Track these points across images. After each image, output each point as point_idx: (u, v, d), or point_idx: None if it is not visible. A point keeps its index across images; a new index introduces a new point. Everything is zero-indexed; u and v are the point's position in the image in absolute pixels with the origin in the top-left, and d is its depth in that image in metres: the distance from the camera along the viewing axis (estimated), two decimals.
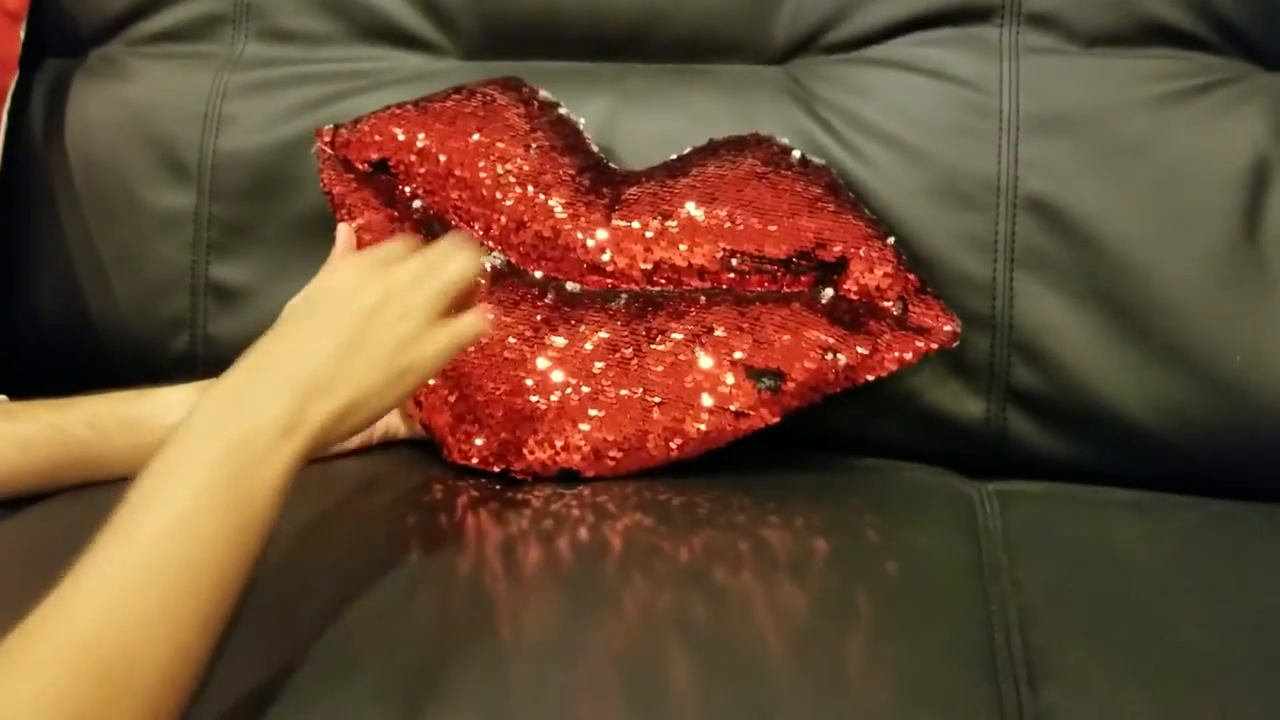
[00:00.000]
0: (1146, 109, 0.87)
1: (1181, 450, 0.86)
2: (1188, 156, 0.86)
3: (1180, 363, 0.85)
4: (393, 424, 0.91)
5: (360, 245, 0.91)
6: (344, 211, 0.93)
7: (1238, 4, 0.88)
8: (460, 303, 0.71)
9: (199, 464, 0.57)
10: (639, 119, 0.96)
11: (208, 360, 1.02)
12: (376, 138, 0.93)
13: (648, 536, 0.76)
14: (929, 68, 0.91)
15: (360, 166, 0.94)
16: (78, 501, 0.80)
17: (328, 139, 0.95)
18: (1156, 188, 0.86)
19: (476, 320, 0.70)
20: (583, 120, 0.95)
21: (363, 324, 0.65)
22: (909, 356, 0.84)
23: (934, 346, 0.85)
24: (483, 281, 0.81)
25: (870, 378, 0.84)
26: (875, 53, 0.93)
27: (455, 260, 0.70)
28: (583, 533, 0.77)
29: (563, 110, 0.94)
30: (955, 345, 0.85)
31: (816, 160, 0.90)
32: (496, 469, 0.86)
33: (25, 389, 0.97)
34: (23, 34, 1.04)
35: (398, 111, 0.94)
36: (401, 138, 0.93)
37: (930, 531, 0.80)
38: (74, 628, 0.49)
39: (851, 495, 0.85)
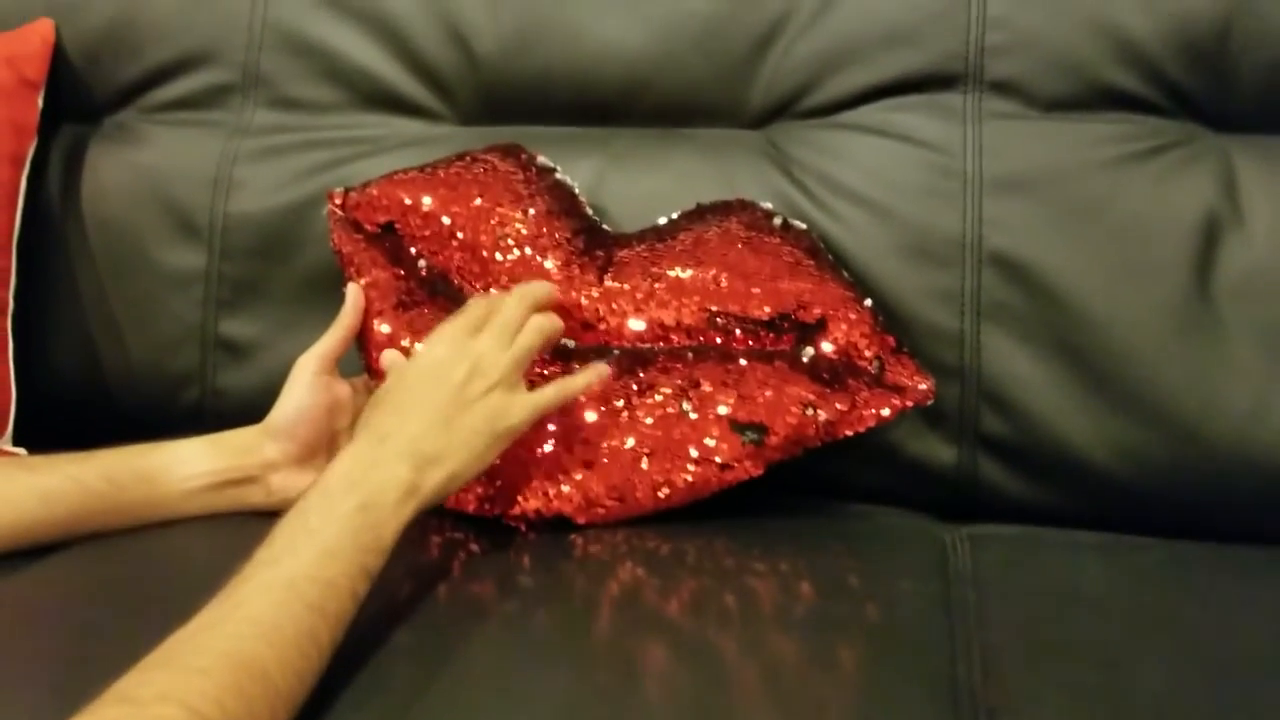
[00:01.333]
0: (1102, 170, 0.92)
1: (1143, 493, 0.90)
2: (1142, 214, 0.90)
3: (1139, 410, 0.89)
4: None
5: (369, 302, 0.95)
6: (353, 269, 0.97)
7: (1187, 72, 0.93)
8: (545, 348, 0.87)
9: (336, 517, 0.68)
10: (625, 179, 1.00)
11: (216, 413, 1.06)
12: (384, 201, 0.98)
13: (639, 585, 0.80)
14: (897, 132, 0.96)
15: (369, 228, 0.98)
16: (96, 549, 0.83)
17: (339, 201, 1.00)
18: (1113, 244, 0.90)
19: (556, 390, 0.84)
20: (577, 185, 0.99)
21: (456, 397, 0.78)
22: (886, 413, 0.88)
23: (909, 404, 0.89)
24: (564, 342, 0.90)
25: (849, 433, 0.88)
26: (847, 118, 0.98)
27: (529, 330, 0.84)
28: (577, 581, 0.81)
29: (559, 175, 0.99)
30: (930, 402, 0.89)
31: (798, 224, 0.94)
32: (494, 512, 0.89)
33: (41, 441, 1.02)
34: (41, 102, 1.09)
35: (404, 177, 0.99)
36: (408, 201, 0.97)
37: (903, 573, 0.83)
38: (233, 643, 0.58)
39: (830, 540, 0.89)
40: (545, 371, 0.91)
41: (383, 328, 0.94)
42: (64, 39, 1.12)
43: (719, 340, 0.91)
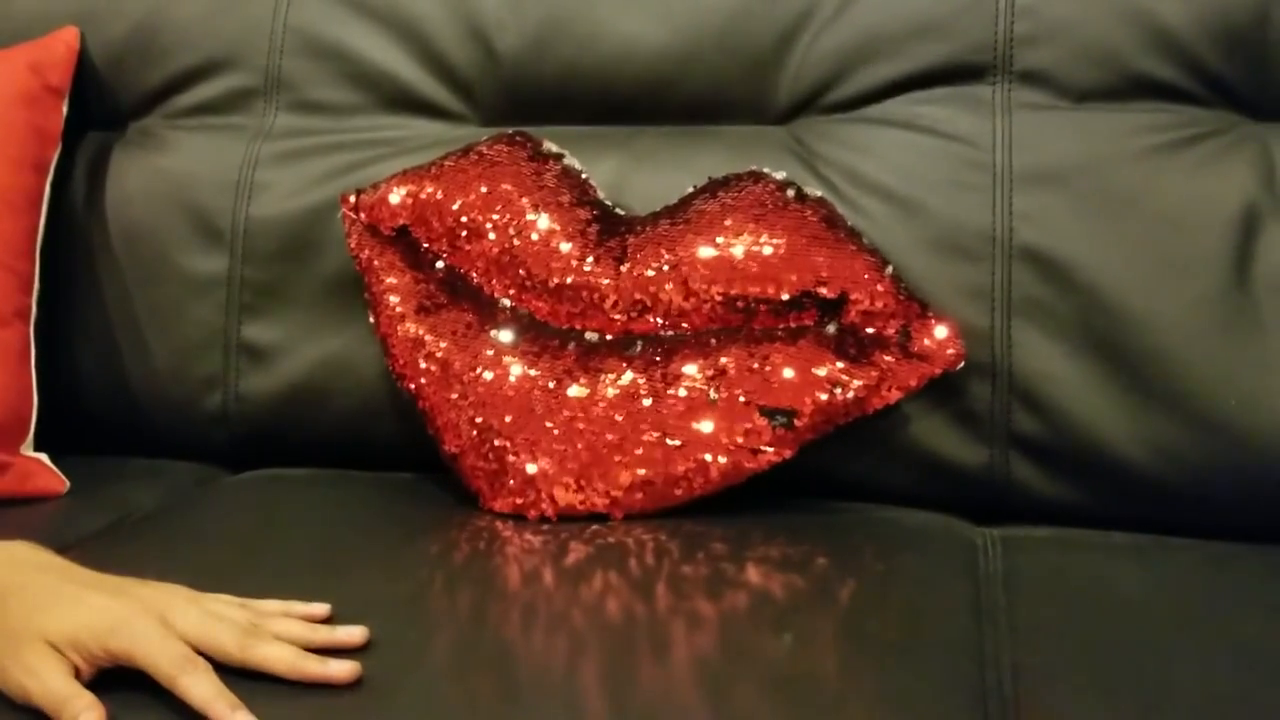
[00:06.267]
0: (1137, 161, 0.90)
1: (1180, 493, 0.87)
2: (1178, 206, 0.88)
3: (1176, 407, 0.87)
4: None
5: (393, 306, 0.95)
6: (372, 276, 0.97)
7: (1224, 59, 0.90)
8: None
9: None
10: (648, 178, 0.99)
11: (239, 416, 1.06)
12: (393, 199, 0.97)
13: (656, 580, 0.79)
14: (925, 125, 0.94)
15: (385, 231, 0.98)
16: None
17: (352, 204, 0.99)
18: (1148, 237, 0.88)
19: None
20: (599, 184, 0.98)
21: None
22: (914, 383, 0.87)
23: (938, 371, 0.87)
24: None
25: (879, 405, 0.88)
26: (873, 112, 0.96)
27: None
28: (610, 576, 0.79)
29: (568, 160, 0.98)
30: (960, 367, 0.88)
31: (813, 193, 0.93)
32: (530, 514, 0.90)
33: (64, 446, 1.02)
34: (65, 109, 1.09)
35: (412, 173, 0.98)
36: (422, 197, 0.97)
37: (933, 576, 0.82)
38: None
39: (859, 540, 0.87)
40: (568, 369, 0.90)
41: (409, 329, 0.94)
42: (89, 46, 1.12)
43: (740, 320, 0.90)
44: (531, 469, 0.89)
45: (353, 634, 0.67)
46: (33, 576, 0.66)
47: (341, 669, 0.63)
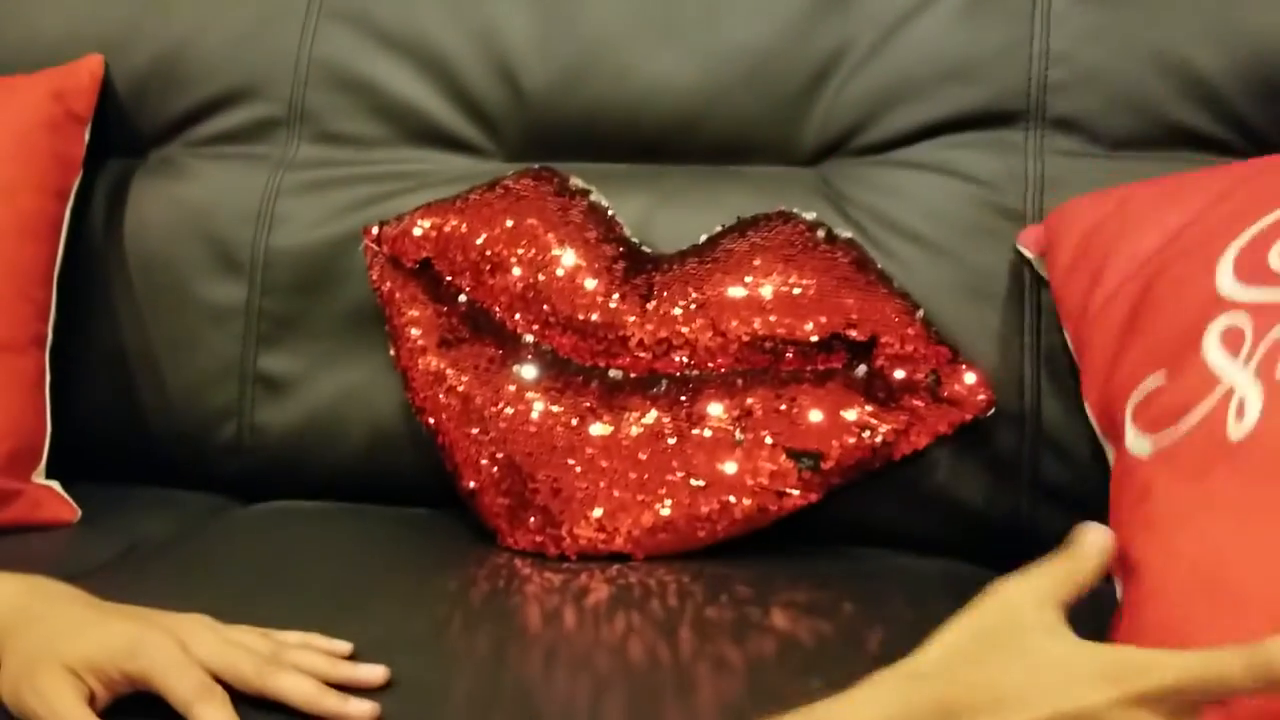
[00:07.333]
0: None
1: None
2: None
3: None
4: None
5: (415, 339, 0.94)
6: (393, 309, 0.96)
7: (1261, 108, 0.90)
8: None
9: None
10: (675, 217, 0.98)
11: (253, 447, 1.04)
12: (416, 232, 0.97)
13: (689, 625, 0.77)
14: (956, 169, 0.94)
15: (407, 264, 0.97)
16: None
17: (374, 236, 0.98)
18: None
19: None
20: (611, 209, 0.97)
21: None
22: (942, 429, 0.86)
23: (968, 417, 0.86)
24: None
25: (907, 451, 0.86)
26: (904, 155, 0.96)
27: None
28: (633, 617, 0.78)
29: (594, 196, 0.97)
30: (989, 413, 0.87)
31: (843, 234, 0.92)
32: (550, 552, 0.88)
33: (75, 474, 1.01)
34: (87, 136, 1.09)
35: (436, 206, 0.97)
36: (446, 230, 0.96)
37: None
38: None
39: (885, 587, 0.86)
40: (592, 406, 0.89)
41: (431, 363, 0.93)
42: (113, 74, 1.12)
43: (768, 361, 0.89)
44: (552, 507, 0.88)
45: (374, 673, 0.65)
46: (55, 605, 0.65)
47: (361, 709, 0.62)
